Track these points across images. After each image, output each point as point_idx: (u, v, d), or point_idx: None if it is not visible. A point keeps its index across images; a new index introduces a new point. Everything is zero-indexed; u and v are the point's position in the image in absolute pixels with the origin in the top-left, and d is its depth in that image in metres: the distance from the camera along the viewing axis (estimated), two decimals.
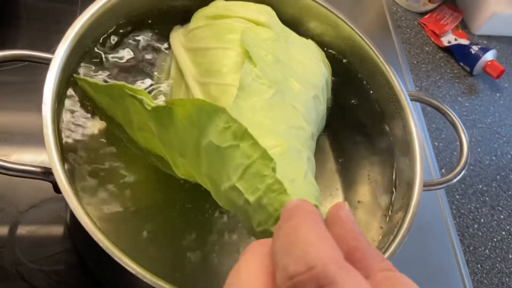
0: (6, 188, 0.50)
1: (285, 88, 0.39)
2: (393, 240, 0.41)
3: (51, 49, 0.41)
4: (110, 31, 0.46)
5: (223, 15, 0.43)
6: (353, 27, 0.51)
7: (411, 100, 0.49)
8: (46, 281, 0.47)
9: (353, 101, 0.51)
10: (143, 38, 0.47)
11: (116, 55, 0.46)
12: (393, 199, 0.46)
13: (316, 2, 0.51)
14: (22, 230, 0.49)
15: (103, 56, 0.45)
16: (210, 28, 0.43)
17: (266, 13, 0.45)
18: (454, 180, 0.48)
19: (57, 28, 0.60)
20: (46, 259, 0.48)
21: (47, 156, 0.35)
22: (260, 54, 0.39)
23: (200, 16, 0.45)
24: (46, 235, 0.49)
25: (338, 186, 0.47)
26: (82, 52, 0.44)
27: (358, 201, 0.46)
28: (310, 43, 0.48)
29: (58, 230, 0.50)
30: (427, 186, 0.46)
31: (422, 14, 0.90)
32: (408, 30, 0.88)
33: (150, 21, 0.48)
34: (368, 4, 0.85)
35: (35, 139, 0.53)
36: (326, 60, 0.49)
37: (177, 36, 0.46)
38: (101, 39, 0.45)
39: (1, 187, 0.49)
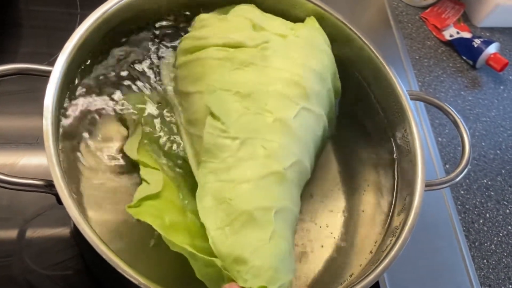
0: (12, 197, 0.50)
1: (256, 128, 0.39)
2: (395, 243, 0.41)
3: (53, 56, 0.41)
4: (108, 40, 0.46)
5: (197, 46, 0.43)
6: (352, 27, 0.50)
7: (412, 99, 0.49)
8: None
9: (353, 103, 0.51)
10: (141, 47, 0.47)
11: (115, 64, 0.46)
12: (395, 201, 0.46)
13: (312, 2, 0.51)
14: (29, 238, 0.49)
15: (103, 64, 0.45)
16: (187, 68, 0.43)
17: (243, 23, 0.44)
18: (457, 179, 0.48)
19: (58, 35, 0.61)
20: (54, 267, 0.49)
21: (50, 169, 0.35)
22: (225, 103, 0.39)
23: (180, 51, 0.45)
24: (52, 242, 0.50)
25: (341, 189, 0.47)
26: (82, 62, 0.44)
27: (362, 210, 0.46)
28: (306, 29, 0.47)
29: (64, 237, 0.50)
30: (430, 186, 0.46)
31: (423, 8, 0.90)
32: (409, 25, 0.87)
33: (148, 31, 0.48)
34: (368, 0, 0.85)
35: (40, 146, 0.53)
36: (328, 49, 0.48)
37: (167, 74, 0.46)
38: (100, 49, 0.45)
39: (7, 197, 0.50)
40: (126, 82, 0.45)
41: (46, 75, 0.39)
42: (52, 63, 0.40)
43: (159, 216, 0.36)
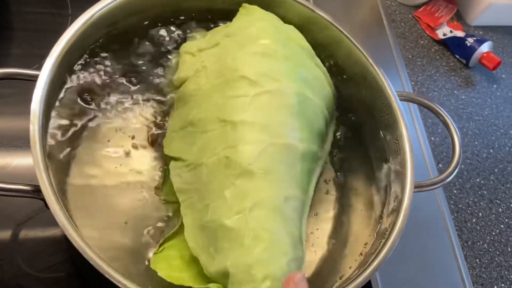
0: (2, 200, 0.50)
1: (214, 145, 0.40)
2: (384, 245, 0.41)
3: (45, 58, 0.41)
4: (96, 43, 0.46)
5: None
6: (340, 28, 0.50)
7: (402, 100, 0.49)
8: None
9: (342, 105, 0.51)
10: (132, 49, 0.47)
11: (103, 67, 0.46)
12: (384, 202, 0.46)
13: (299, 2, 0.50)
14: (20, 241, 0.49)
15: (91, 68, 0.45)
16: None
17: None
18: (447, 180, 0.48)
19: (49, 36, 0.60)
20: (46, 270, 0.48)
21: (37, 174, 0.35)
22: (179, 143, 0.42)
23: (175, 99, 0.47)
24: (44, 245, 0.49)
25: (330, 191, 0.47)
26: (71, 66, 0.44)
27: (351, 212, 0.46)
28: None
29: (56, 240, 0.50)
30: (420, 187, 0.46)
31: (416, 7, 0.89)
32: (402, 24, 0.87)
33: (137, 33, 0.48)
34: None
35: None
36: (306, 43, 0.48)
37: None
38: (88, 51, 0.45)
39: None
40: (120, 84, 0.45)
41: (34, 79, 0.39)
42: (43, 65, 0.40)
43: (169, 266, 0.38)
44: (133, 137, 0.44)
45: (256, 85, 0.41)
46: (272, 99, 0.41)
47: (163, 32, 0.49)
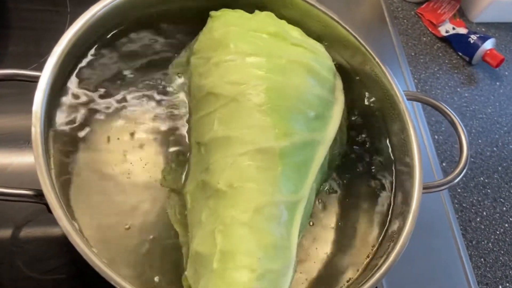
0: (2, 203, 0.49)
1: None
2: (393, 248, 0.40)
3: (43, 57, 0.40)
4: (98, 43, 0.45)
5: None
6: (346, 27, 0.50)
7: (409, 100, 0.48)
8: None
9: (347, 105, 0.50)
10: (132, 48, 0.46)
11: (106, 66, 0.45)
12: (392, 204, 0.45)
13: (307, 2, 0.50)
14: (20, 244, 0.48)
15: (92, 68, 0.44)
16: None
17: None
18: (455, 181, 0.47)
19: (47, 35, 0.60)
20: (46, 273, 0.48)
21: (39, 179, 0.34)
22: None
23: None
24: (45, 248, 0.49)
25: (336, 192, 0.46)
26: (72, 66, 0.43)
27: (362, 209, 0.46)
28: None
29: (57, 243, 0.49)
30: (428, 188, 0.46)
31: (419, 4, 0.89)
32: (405, 21, 0.86)
33: (137, 32, 0.47)
34: None
35: (31, 149, 0.52)
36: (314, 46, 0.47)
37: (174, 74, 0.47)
38: (90, 51, 0.44)
39: None
40: (123, 82, 0.44)
41: (34, 80, 0.38)
42: (41, 65, 0.39)
43: None
44: (137, 136, 0.43)
45: (220, 97, 0.40)
46: (238, 105, 0.39)
47: (169, 29, 0.48)
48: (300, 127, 0.41)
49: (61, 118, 0.41)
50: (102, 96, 0.44)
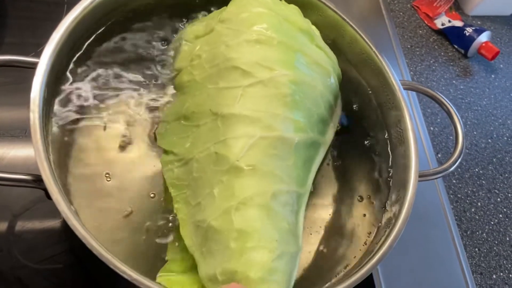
0: (0, 191, 0.49)
1: (206, 139, 0.39)
2: (389, 234, 0.41)
3: (40, 47, 0.40)
4: (97, 31, 0.45)
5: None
6: (344, 17, 0.50)
7: (405, 89, 0.49)
8: (45, 284, 0.47)
9: (344, 93, 0.50)
10: (131, 36, 0.46)
11: (103, 53, 0.45)
12: (389, 192, 0.46)
13: None
14: (18, 233, 0.48)
15: (91, 55, 0.44)
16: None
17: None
18: (450, 169, 0.48)
19: (45, 24, 0.59)
20: (44, 261, 0.48)
21: (38, 164, 0.34)
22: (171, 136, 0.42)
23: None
24: (42, 237, 0.49)
25: (333, 180, 0.46)
26: (70, 53, 0.43)
27: (358, 196, 0.46)
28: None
29: (54, 231, 0.49)
30: (423, 176, 0.46)
31: None
32: (401, 13, 0.87)
33: (137, 18, 0.47)
34: None
35: (29, 138, 0.52)
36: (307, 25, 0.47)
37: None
38: (89, 39, 0.44)
39: None
40: (121, 71, 0.44)
41: (32, 67, 0.38)
42: (39, 54, 0.39)
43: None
44: (134, 125, 0.43)
45: (249, 76, 0.40)
46: (265, 90, 0.40)
47: (166, 17, 0.48)
48: (311, 127, 0.42)
49: (58, 105, 0.41)
50: (100, 84, 0.44)
